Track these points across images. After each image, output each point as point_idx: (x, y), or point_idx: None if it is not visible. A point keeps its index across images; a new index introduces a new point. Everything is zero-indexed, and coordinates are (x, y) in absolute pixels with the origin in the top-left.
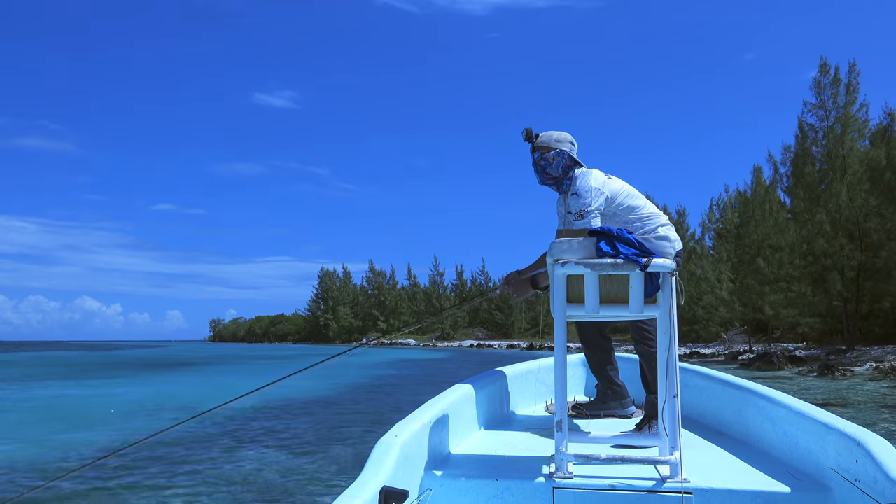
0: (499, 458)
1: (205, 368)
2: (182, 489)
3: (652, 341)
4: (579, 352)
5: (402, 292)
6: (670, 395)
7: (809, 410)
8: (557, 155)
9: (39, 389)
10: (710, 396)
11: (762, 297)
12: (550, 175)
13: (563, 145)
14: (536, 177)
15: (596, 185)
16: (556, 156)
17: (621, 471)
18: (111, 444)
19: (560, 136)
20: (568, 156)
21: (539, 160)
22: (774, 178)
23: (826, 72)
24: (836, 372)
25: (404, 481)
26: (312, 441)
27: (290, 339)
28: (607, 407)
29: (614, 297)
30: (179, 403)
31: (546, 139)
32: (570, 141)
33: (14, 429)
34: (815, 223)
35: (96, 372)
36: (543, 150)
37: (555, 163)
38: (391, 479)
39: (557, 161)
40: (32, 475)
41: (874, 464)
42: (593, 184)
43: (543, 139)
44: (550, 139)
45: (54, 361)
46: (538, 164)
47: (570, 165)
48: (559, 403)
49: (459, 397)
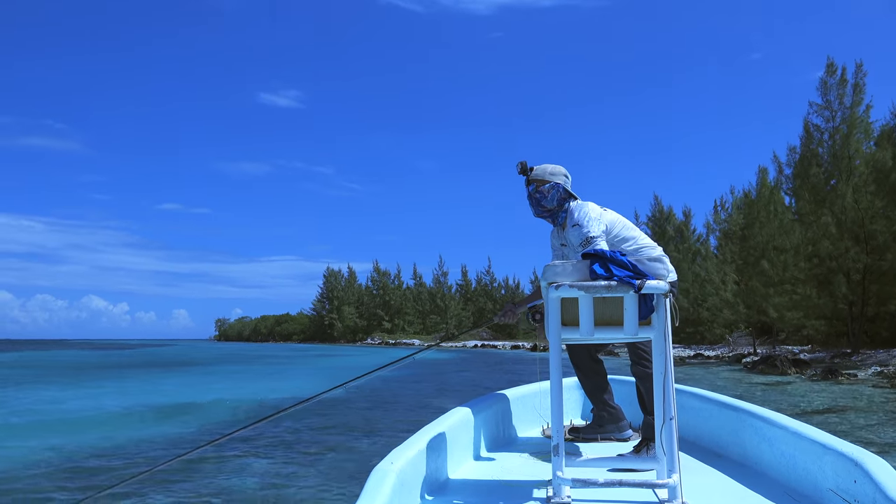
0: (496, 484)
1: (221, 368)
2: (168, 499)
3: (648, 362)
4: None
5: (406, 292)
6: (667, 417)
7: (806, 430)
8: (552, 188)
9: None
10: (706, 418)
11: (766, 300)
12: (545, 208)
13: (558, 178)
14: (531, 209)
15: (594, 216)
16: (550, 189)
17: (619, 494)
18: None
19: (554, 170)
20: (562, 189)
21: (534, 193)
22: (779, 179)
23: (833, 72)
24: (839, 376)
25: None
26: (312, 451)
27: (294, 339)
28: (604, 430)
29: (609, 320)
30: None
31: (540, 172)
32: (564, 174)
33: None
34: (821, 225)
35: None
36: (538, 183)
37: (549, 195)
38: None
39: (552, 194)
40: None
41: (873, 484)
42: (591, 214)
43: (538, 172)
44: (545, 172)
45: (89, 362)
46: (533, 196)
47: (565, 198)
48: (555, 427)
49: (455, 422)
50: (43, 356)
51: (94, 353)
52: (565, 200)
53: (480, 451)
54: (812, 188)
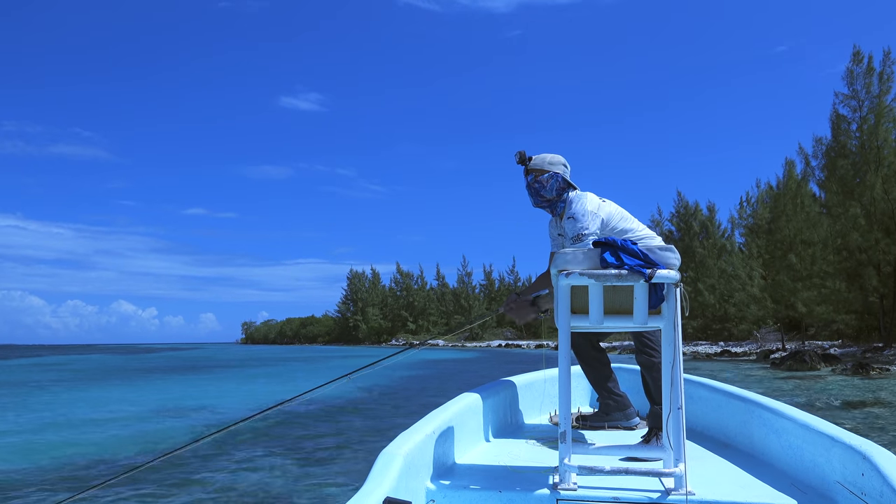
0: (502, 469)
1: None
2: (179, 497)
3: (655, 351)
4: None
5: (430, 293)
6: (675, 406)
7: (815, 422)
8: (551, 178)
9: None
10: (714, 408)
11: (795, 294)
12: (544, 198)
13: (557, 168)
14: (530, 200)
15: (592, 209)
16: (549, 178)
17: (625, 482)
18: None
19: (553, 159)
20: (561, 178)
21: (533, 183)
22: (806, 171)
23: (859, 60)
24: (871, 371)
25: (407, 492)
26: (321, 447)
27: (320, 341)
28: (611, 418)
29: (619, 309)
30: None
31: (539, 162)
32: (563, 163)
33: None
34: (849, 217)
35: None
36: (537, 172)
37: (548, 185)
38: (394, 489)
39: (551, 184)
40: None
41: (880, 477)
42: (589, 207)
43: (536, 162)
44: (543, 162)
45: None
46: (532, 186)
47: (564, 188)
48: (563, 414)
49: (463, 408)
50: (74, 360)
51: (124, 357)
52: (564, 190)
53: (488, 437)
54: (840, 179)
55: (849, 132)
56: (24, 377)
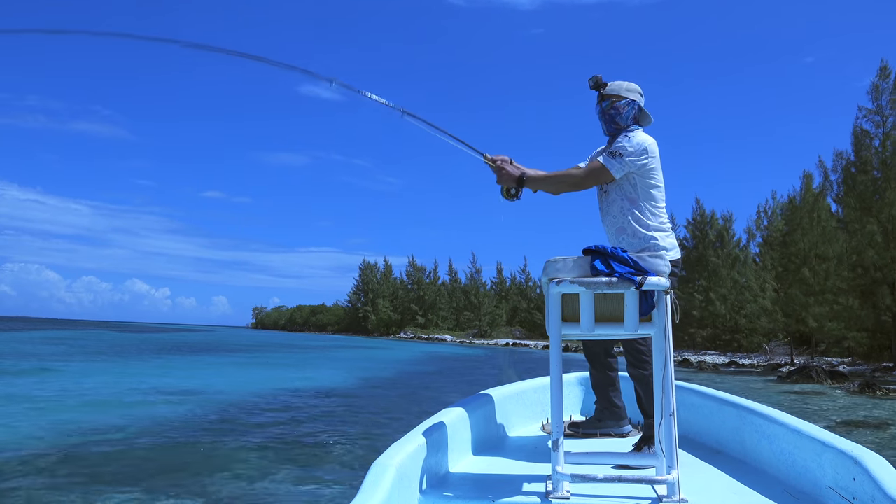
0: (495, 478)
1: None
2: (160, 500)
3: (647, 364)
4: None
5: (441, 288)
6: (666, 413)
7: (806, 428)
8: (628, 105)
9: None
10: (706, 415)
11: (806, 309)
12: (619, 125)
13: (633, 95)
14: (602, 126)
15: (648, 146)
16: (626, 105)
17: (618, 490)
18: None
19: (630, 86)
20: (638, 106)
21: (608, 109)
22: (824, 185)
23: (886, 75)
24: (877, 390)
25: (400, 503)
26: (317, 450)
27: (329, 330)
28: (604, 426)
29: (609, 316)
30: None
31: (616, 88)
32: (638, 92)
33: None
34: (866, 234)
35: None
36: (614, 98)
37: (624, 112)
38: (386, 501)
39: (627, 111)
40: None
41: (872, 482)
42: (647, 145)
43: (613, 87)
44: (621, 88)
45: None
46: (607, 112)
47: (637, 118)
48: (555, 423)
49: (456, 417)
50: (82, 335)
51: (137, 336)
52: (637, 120)
53: (480, 446)
54: (859, 195)
55: (871, 147)
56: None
